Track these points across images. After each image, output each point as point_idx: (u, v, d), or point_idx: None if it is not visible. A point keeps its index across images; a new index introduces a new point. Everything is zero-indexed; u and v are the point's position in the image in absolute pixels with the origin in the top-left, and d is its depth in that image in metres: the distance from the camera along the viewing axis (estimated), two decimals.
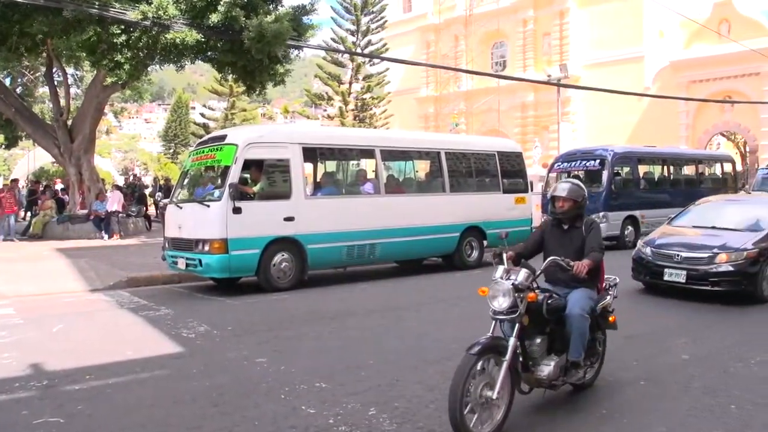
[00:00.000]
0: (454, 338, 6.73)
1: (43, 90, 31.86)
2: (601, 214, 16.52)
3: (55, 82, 22.37)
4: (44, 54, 20.08)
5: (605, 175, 16.98)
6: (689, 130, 40.13)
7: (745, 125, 38.84)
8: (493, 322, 4.47)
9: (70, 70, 26.36)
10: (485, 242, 13.71)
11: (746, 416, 4.77)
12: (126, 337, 7.48)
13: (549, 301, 4.64)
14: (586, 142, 36.65)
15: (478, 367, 4.17)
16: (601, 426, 4.61)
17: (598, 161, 17.39)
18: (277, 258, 10.55)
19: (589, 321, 4.78)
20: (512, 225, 14.18)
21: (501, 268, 4.60)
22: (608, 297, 5.24)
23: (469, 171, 14.07)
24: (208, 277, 11.04)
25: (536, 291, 4.57)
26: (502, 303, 4.39)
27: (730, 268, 9.05)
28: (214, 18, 15.80)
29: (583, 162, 17.90)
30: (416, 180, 14.35)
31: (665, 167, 20.18)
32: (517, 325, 4.34)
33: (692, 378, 5.70)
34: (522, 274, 4.45)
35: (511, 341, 4.27)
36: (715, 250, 9.23)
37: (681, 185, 19.93)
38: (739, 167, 31.83)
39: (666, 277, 9.52)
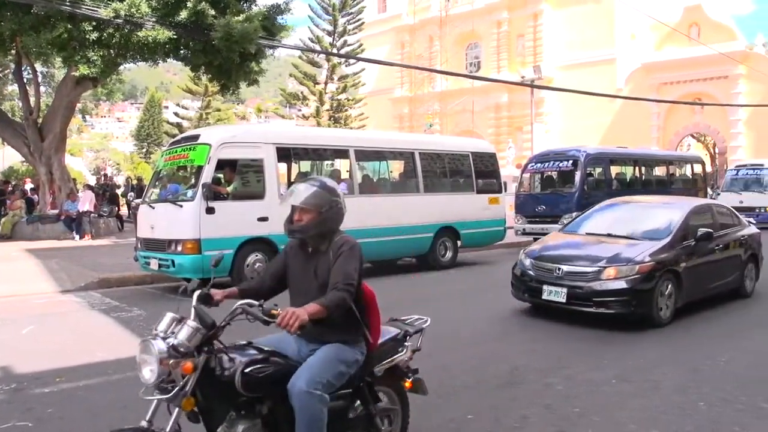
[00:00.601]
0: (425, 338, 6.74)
1: (12, 88, 31.41)
2: (574, 214, 16.65)
3: (25, 80, 22.04)
4: (13, 51, 19.77)
5: (578, 175, 17.11)
6: (660, 132, 40.78)
7: (714, 127, 39.58)
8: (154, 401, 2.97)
9: (40, 68, 25.99)
10: (459, 242, 13.80)
11: (714, 413, 4.85)
12: (97, 339, 7.40)
13: (248, 370, 3.02)
14: (559, 143, 37.07)
15: None
16: (573, 424, 4.64)
17: (570, 162, 17.53)
18: (251, 258, 10.50)
19: (325, 399, 3.11)
20: (486, 225, 14.32)
21: (168, 317, 3.05)
22: (402, 351, 3.73)
23: (443, 171, 14.14)
24: (180, 277, 10.95)
25: (221, 352, 3.08)
26: (149, 374, 2.88)
27: (619, 286, 7.49)
28: (183, 14, 15.69)
29: (556, 163, 18.05)
30: (390, 180, 14.36)
31: (637, 168, 20.43)
32: (176, 410, 2.88)
33: (663, 376, 5.77)
34: (184, 331, 2.92)
35: None
36: (603, 263, 7.72)
37: (652, 186, 20.17)
38: (708, 168, 32.36)
39: (545, 296, 7.98)
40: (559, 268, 7.96)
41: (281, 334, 3.31)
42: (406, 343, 3.78)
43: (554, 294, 7.84)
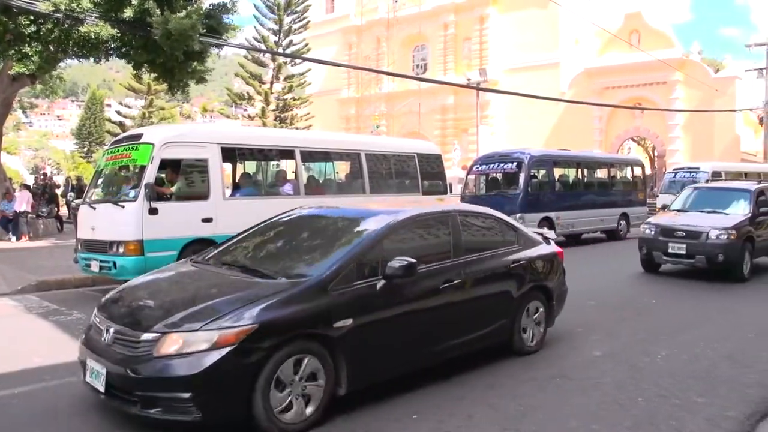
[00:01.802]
0: None
1: None
2: (518, 215, 16.91)
3: None
4: None
5: (522, 177, 17.38)
6: (602, 135, 41.77)
7: (654, 131, 40.75)
8: None
9: None
10: None
11: (652, 408, 5.00)
12: (34, 344, 7.19)
13: None
14: (504, 145, 37.55)
15: None
16: (518, 422, 4.71)
17: (515, 164, 17.80)
18: None
19: None
20: None
21: None
22: None
23: (389, 172, 14.18)
24: (122, 280, 10.72)
25: None
26: None
27: (182, 369, 4.08)
28: (128, 12, 15.34)
29: (501, 164, 18.32)
30: (336, 181, 14.34)
31: (579, 170, 20.84)
32: None
33: (603, 373, 5.92)
34: None
35: None
36: (164, 326, 4.29)
37: (594, 188, 20.67)
38: (648, 171, 33.28)
39: (87, 376, 4.66)
40: (110, 329, 4.58)
41: None
42: None
43: (94, 375, 4.54)
